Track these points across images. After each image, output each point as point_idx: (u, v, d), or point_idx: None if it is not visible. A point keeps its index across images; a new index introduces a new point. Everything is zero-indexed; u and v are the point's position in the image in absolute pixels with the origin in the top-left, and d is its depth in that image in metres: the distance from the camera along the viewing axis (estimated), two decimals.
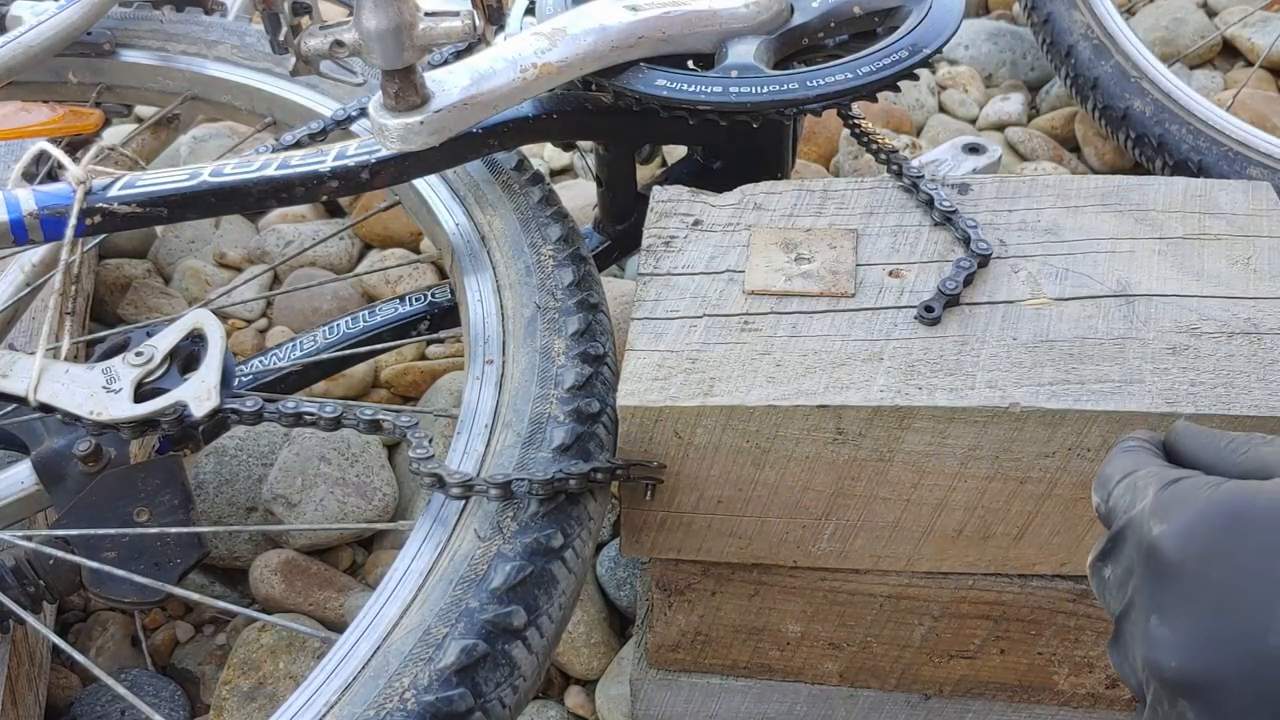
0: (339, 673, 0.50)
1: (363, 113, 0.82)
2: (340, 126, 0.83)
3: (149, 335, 0.64)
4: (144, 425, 0.60)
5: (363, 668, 0.49)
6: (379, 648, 0.50)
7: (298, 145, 0.80)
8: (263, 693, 0.82)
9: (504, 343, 0.65)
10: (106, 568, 0.59)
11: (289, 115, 0.95)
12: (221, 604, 0.60)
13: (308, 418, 0.59)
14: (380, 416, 0.58)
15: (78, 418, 0.60)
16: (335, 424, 0.58)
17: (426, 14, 0.65)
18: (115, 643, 0.89)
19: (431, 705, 0.47)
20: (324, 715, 0.48)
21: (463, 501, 0.56)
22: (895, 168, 0.70)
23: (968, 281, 0.61)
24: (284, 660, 0.84)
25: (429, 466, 0.55)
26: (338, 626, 0.88)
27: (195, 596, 0.59)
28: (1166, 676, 0.34)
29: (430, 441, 0.57)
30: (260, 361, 0.83)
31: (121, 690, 0.54)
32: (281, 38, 0.69)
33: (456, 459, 0.59)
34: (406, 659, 0.49)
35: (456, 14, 0.66)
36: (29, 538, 0.63)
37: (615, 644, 0.88)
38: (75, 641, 0.89)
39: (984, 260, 0.62)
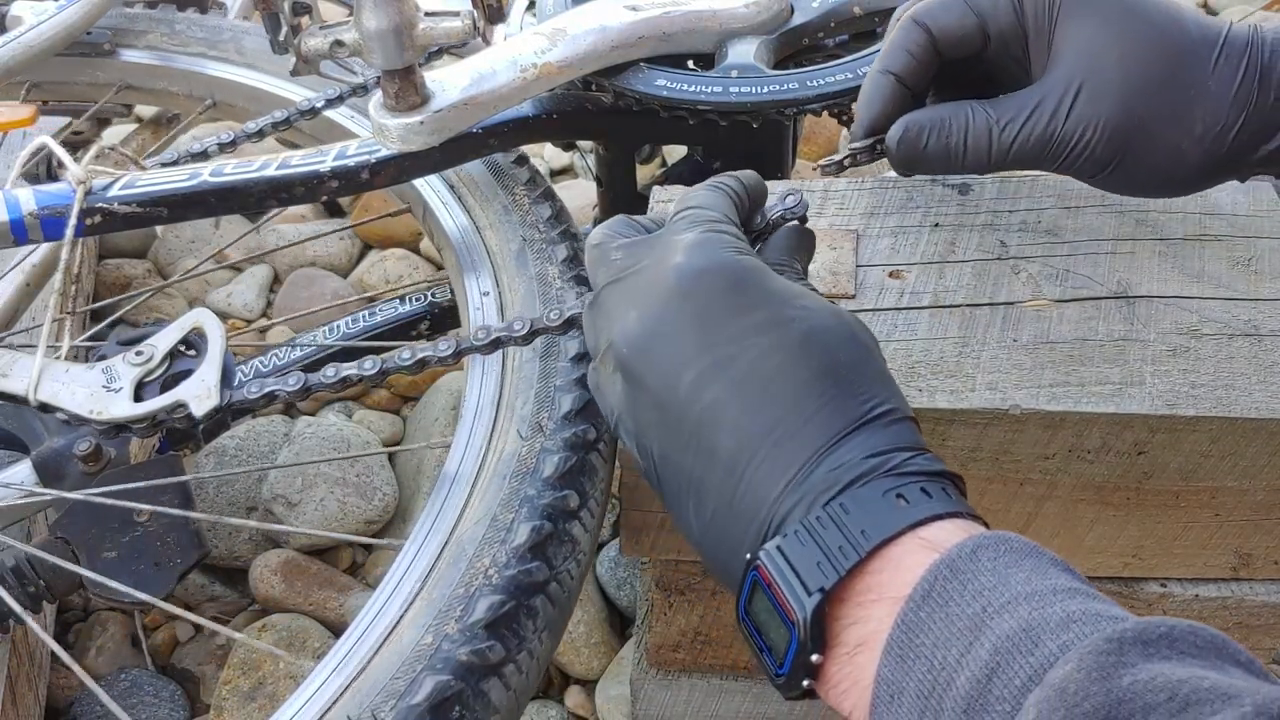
0: (416, 565, 0.54)
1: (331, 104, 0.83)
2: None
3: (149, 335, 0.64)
4: (146, 424, 0.60)
5: (438, 555, 0.54)
6: (448, 540, 0.54)
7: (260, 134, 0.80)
8: (263, 693, 0.82)
9: (496, 275, 0.70)
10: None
11: (230, 96, 0.96)
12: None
13: (352, 378, 0.57)
14: (424, 354, 0.58)
15: (79, 418, 0.60)
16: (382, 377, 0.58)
17: (426, 14, 0.65)
18: (115, 643, 0.89)
19: (514, 578, 0.52)
20: (413, 599, 0.52)
21: (495, 410, 0.60)
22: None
23: None
24: (284, 660, 0.84)
25: (484, 336, 0.57)
26: (338, 627, 0.88)
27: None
28: (619, 355, 0.45)
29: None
30: (260, 361, 0.83)
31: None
32: (281, 38, 0.69)
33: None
34: (481, 543, 0.53)
35: (457, 14, 0.66)
36: (29, 538, 0.63)
37: (615, 644, 0.88)
38: (75, 641, 0.89)
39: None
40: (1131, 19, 0.52)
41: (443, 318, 0.86)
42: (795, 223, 0.54)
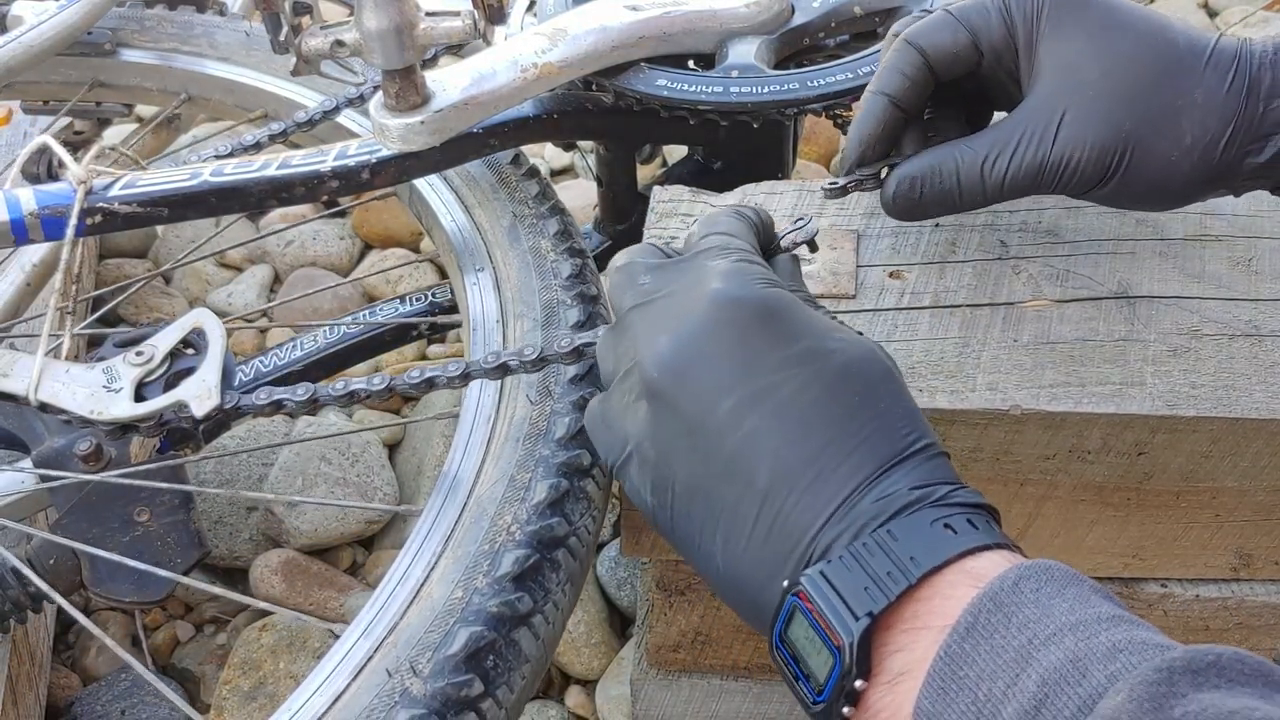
0: (437, 527, 0.55)
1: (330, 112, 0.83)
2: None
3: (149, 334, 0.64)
4: (145, 424, 0.60)
5: (459, 517, 0.55)
6: (467, 502, 0.56)
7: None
8: (263, 692, 0.82)
9: (489, 252, 0.71)
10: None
11: (206, 90, 0.96)
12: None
13: (361, 394, 0.58)
14: (432, 375, 0.58)
15: (80, 418, 0.60)
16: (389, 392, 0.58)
17: (427, 14, 0.65)
18: (115, 642, 0.89)
19: (536, 534, 0.53)
20: (439, 557, 0.54)
21: (501, 380, 0.62)
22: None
23: None
24: (284, 660, 0.84)
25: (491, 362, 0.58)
26: None
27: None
28: (648, 378, 0.45)
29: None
30: (260, 361, 0.83)
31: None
32: (282, 38, 0.69)
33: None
34: (501, 502, 0.55)
35: (457, 14, 0.66)
36: (29, 537, 0.63)
37: (615, 644, 0.88)
38: (75, 641, 0.89)
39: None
40: (1115, 33, 0.52)
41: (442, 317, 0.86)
42: (804, 248, 0.54)
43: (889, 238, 0.65)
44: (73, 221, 0.66)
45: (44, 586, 0.61)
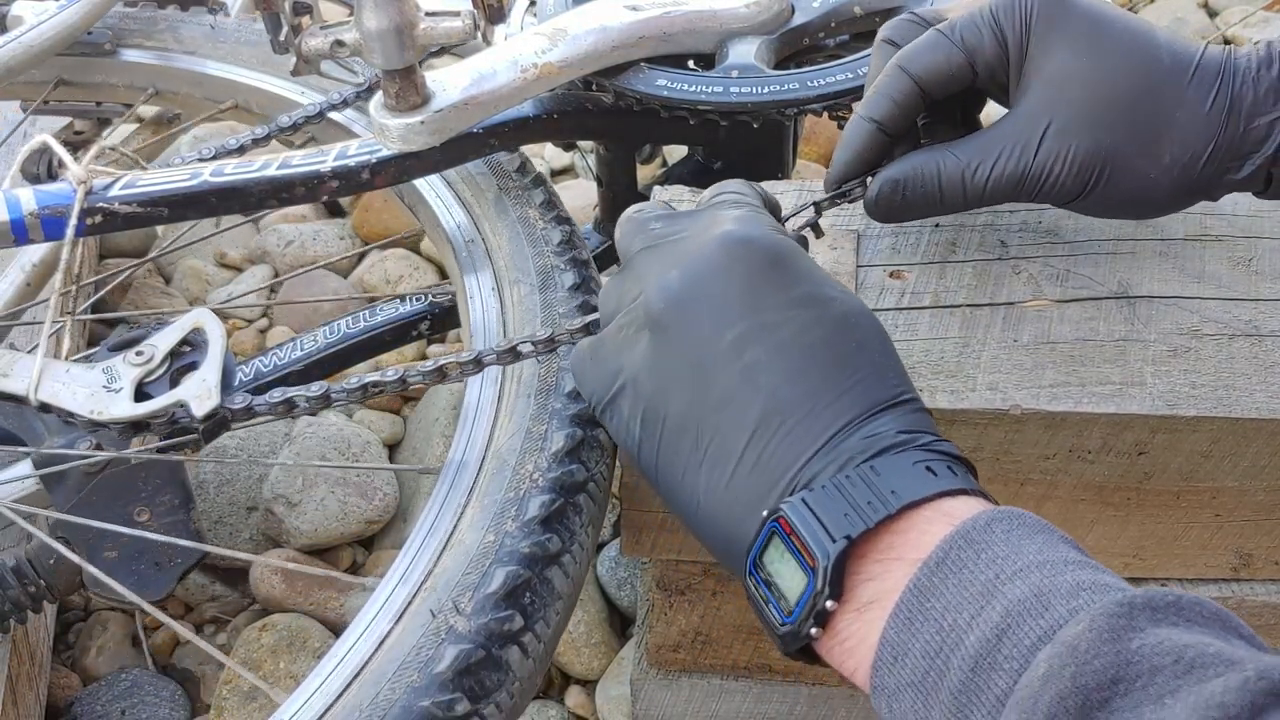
0: (459, 481, 0.57)
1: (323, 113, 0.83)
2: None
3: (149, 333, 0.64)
4: (146, 424, 0.60)
5: (479, 469, 0.57)
6: (485, 455, 0.58)
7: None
8: (263, 692, 0.82)
9: (477, 225, 0.73)
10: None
11: (173, 83, 0.96)
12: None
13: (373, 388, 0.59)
14: (444, 363, 0.59)
15: (80, 418, 0.60)
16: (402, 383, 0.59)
17: (427, 14, 0.65)
18: (115, 642, 0.89)
19: (558, 479, 0.56)
20: (464, 507, 0.56)
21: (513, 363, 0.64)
22: None
23: None
24: (285, 660, 0.84)
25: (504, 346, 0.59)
26: (338, 627, 0.88)
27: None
28: (653, 309, 0.47)
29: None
30: (260, 361, 0.83)
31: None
32: (282, 38, 0.69)
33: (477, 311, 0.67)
34: (521, 453, 0.57)
35: (457, 14, 0.66)
36: (29, 537, 0.63)
37: (615, 644, 0.88)
38: (75, 641, 0.89)
39: None
40: (1101, 49, 0.53)
41: (443, 318, 0.86)
42: (809, 231, 0.55)
43: (889, 238, 0.65)
44: (73, 221, 0.66)
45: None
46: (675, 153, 1.23)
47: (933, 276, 0.63)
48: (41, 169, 0.98)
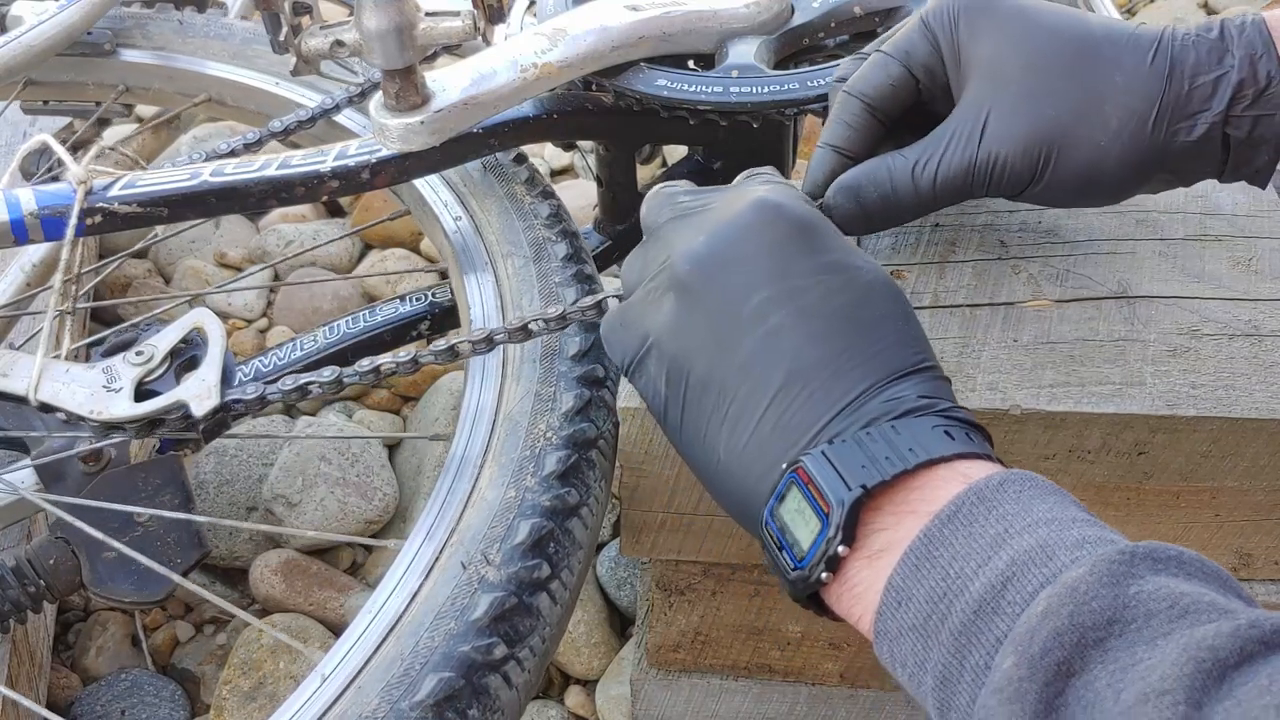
0: (473, 443, 0.59)
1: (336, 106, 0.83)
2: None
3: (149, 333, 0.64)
4: (152, 424, 0.60)
5: (491, 432, 0.59)
6: (496, 419, 0.60)
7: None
8: (263, 693, 0.82)
9: (464, 202, 0.75)
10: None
11: (144, 80, 0.96)
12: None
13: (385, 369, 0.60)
14: (456, 342, 0.60)
15: (80, 418, 0.60)
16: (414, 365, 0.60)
17: (427, 14, 0.65)
18: (115, 643, 0.89)
19: (570, 437, 0.58)
20: (481, 468, 0.58)
21: (501, 316, 0.67)
22: None
23: None
24: (284, 660, 0.84)
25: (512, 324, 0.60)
26: (338, 627, 0.88)
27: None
28: (678, 272, 0.48)
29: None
30: (260, 361, 0.83)
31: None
32: (282, 38, 0.69)
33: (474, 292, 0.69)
34: (532, 414, 0.59)
35: (457, 14, 0.66)
36: (29, 536, 0.63)
37: (615, 644, 0.88)
38: (75, 641, 0.89)
39: None
40: (1030, 29, 0.53)
41: (443, 318, 0.86)
42: None
43: (889, 237, 0.65)
44: (73, 221, 0.66)
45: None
46: (675, 153, 1.23)
47: (932, 276, 0.63)
48: (41, 169, 0.98)
